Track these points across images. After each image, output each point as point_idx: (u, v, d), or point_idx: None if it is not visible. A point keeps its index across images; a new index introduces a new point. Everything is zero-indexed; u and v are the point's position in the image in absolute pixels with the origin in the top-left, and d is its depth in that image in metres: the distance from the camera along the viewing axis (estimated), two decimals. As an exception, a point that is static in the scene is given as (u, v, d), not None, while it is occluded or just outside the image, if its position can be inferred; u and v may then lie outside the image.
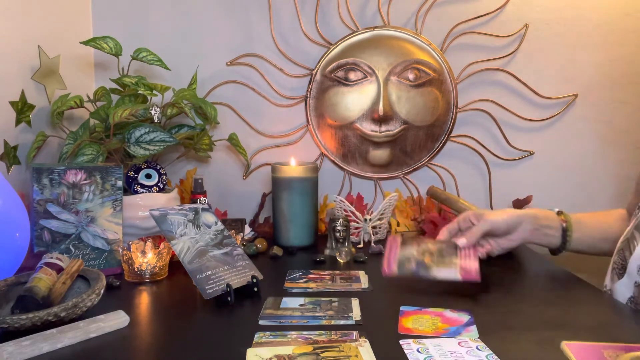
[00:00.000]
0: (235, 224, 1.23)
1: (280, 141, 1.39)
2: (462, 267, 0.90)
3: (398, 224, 1.28)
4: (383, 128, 1.32)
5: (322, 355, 0.64)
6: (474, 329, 0.73)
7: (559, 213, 1.01)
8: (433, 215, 1.26)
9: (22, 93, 1.07)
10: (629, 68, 1.33)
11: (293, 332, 0.71)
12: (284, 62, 1.36)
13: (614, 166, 1.36)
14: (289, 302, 0.84)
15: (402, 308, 0.81)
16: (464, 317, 0.77)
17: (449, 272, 0.89)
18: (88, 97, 1.17)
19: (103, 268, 0.98)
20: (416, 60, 1.31)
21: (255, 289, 0.87)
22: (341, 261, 1.09)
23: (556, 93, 1.35)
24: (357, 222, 1.23)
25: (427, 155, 1.37)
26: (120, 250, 0.96)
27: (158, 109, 1.14)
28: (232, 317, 0.79)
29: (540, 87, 1.34)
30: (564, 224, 1.00)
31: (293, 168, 1.20)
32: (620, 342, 0.67)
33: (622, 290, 0.84)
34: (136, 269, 0.95)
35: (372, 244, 1.19)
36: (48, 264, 0.81)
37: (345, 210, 1.23)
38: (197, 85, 1.28)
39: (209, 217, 0.97)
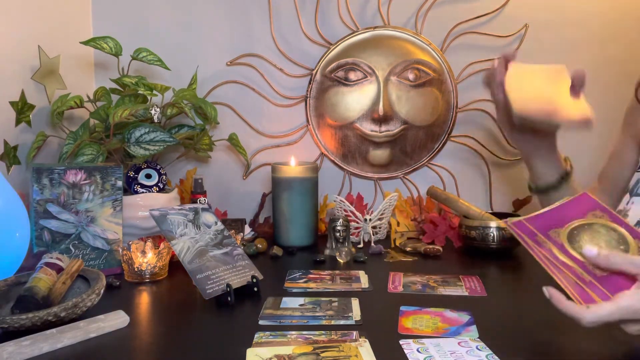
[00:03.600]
0: (235, 224, 1.23)
1: (280, 141, 1.39)
2: None
3: (398, 224, 1.28)
4: (383, 128, 1.32)
5: (322, 355, 0.64)
6: (474, 329, 0.73)
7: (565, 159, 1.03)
8: (433, 215, 1.26)
9: (22, 93, 1.07)
10: (629, 68, 1.32)
11: (293, 332, 0.71)
12: (284, 62, 1.36)
13: (614, 166, 1.36)
14: (289, 302, 0.84)
15: (402, 308, 0.81)
16: (464, 317, 0.77)
17: None
18: (88, 97, 1.17)
19: (103, 268, 0.98)
20: (416, 60, 1.31)
21: (255, 289, 0.87)
22: (341, 261, 1.09)
23: (556, 93, 1.35)
24: (357, 222, 1.23)
25: (427, 155, 1.37)
26: (120, 250, 0.96)
27: (158, 109, 1.14)
28: (232, 317, 0.79)
29: (540, 87, 1.34)
30: (569, 168, 1.01)
31: (293, 168, 1.20)
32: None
33: None
34: (136, 269, 0.95)
35: (372, 244, 1.19)
36: (48, 264, 0.81)
37: (345, 210, 1.23)
38: (197, 85, 1.28)
39: (209, 217, 0.97)
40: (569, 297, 0.63)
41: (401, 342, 0.68)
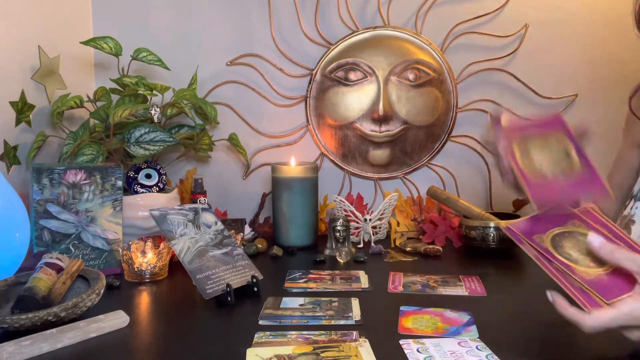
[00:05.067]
0: (235, 224, 1.23)
1: (280, 141, 1.39)
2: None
3: (398, 224, 1.28)
4: (383, 128, 1.32)
5: (322, 355, 0.64)
6: (474, 329, 0.73)
7: None
8: (433, 215, 1.26)
9: (22, 93, 1.07)
10: (629, 68, 1.32)
11: (293, 332, 0.71)
12: (284, 62, 1.36)
13: (614, 166, 1.36)
14: (289, 302, 0.84)
15: (402, 308, 0.81)
16: (464, 317, 0.77)
17: None
18: (88, 97, 1.17)
19: (103, 268, 0.98)
20: (416, 60, 1.31)
21: (255, 289, 0.87)
22: (341, 261, 1.09)
23: (556, 93, 1.35)
24: (357, 222, 1.23)
25: (427, 155, 1.37)
26: (120, 250, 0.96)
27: (158, 109, 1.14)
28: (232, 317, 0.79)
29: (540, 87, 1.34)
30: None
31: (293, 168, 1.20)
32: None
33: None
34: (136, 269, 0.95)
35: (372, 244, 1.19)
36: (48, 264, 0.81)
37: (345, 210, 1.23)
38: (197, 85, 1.28)
39: (209, 217, 0.97)
40: (572, 301, 0.63)
41: (401, 342, 0.68)
